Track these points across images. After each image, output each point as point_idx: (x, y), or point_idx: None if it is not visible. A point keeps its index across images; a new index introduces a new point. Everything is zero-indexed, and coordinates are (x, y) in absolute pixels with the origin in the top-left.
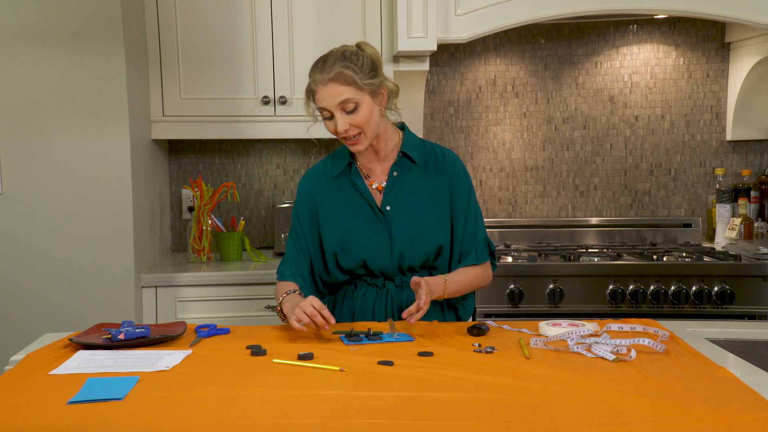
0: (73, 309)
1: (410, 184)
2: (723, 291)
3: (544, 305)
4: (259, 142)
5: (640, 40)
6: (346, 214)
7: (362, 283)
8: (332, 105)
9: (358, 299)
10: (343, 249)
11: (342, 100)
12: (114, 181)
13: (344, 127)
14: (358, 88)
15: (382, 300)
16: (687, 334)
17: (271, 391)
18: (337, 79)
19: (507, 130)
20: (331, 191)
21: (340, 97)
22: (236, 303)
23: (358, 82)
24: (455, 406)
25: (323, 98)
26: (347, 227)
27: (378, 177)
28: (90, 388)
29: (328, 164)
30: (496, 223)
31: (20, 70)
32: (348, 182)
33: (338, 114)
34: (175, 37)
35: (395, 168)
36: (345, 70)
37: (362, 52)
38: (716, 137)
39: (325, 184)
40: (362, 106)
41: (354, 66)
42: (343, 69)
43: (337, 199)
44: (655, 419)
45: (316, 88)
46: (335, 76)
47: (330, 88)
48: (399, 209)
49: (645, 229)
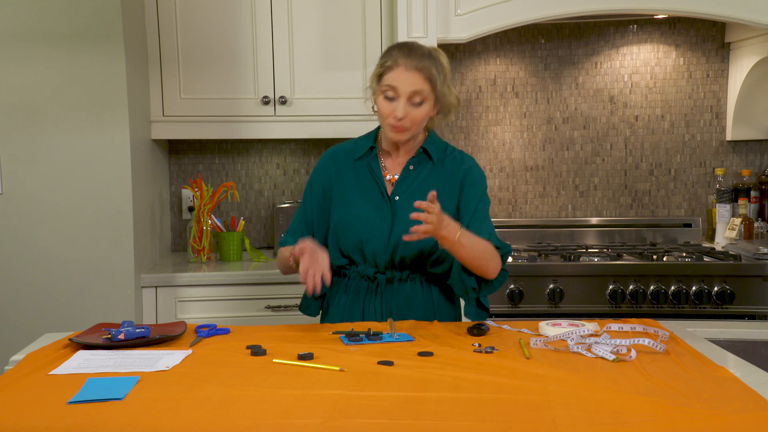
0: (73, 309)
1: (423, 179)
2: (723, 291)
3: (544, 305)
4: (259, 142)
5: (640, 40)
6: (356, 195)
7: (354, 274)
8: (405, 90)
9: (350, 293)
10: (344, 227)
11: (416, 90)
12: (114, 181)
13: (403, 115)
14: (433, 89)
15: (373, 293)
16: (687, 334)
17: (271, 391)
18: (422, 71)
19: (507, 130)
20: (347, 172)
21: (417, 87)
22: (236, 303)
23: (437, 84)
24: (455, 406)
25: (401, 80)
26: (353, 206)
27: (395, 169)
28: (90, 388)
29: (351, 145)
30: (496, 223)
31: (20, 70)
32: (366, 166)
33: (404, 100)
34: (175, 37)
35: (412, 162)
36: (432, 68)
37: (441, 57)
38: (716, 137)
39: (343, 164)
40: (426, 105)
41: (438, 68)
42: (431, 66)
43: (352, 180)
44: (655, 419)
45: (397, 67)
46: (422, 68)
47: (412, 74)
48: (406, 201)
49: (645, 229)
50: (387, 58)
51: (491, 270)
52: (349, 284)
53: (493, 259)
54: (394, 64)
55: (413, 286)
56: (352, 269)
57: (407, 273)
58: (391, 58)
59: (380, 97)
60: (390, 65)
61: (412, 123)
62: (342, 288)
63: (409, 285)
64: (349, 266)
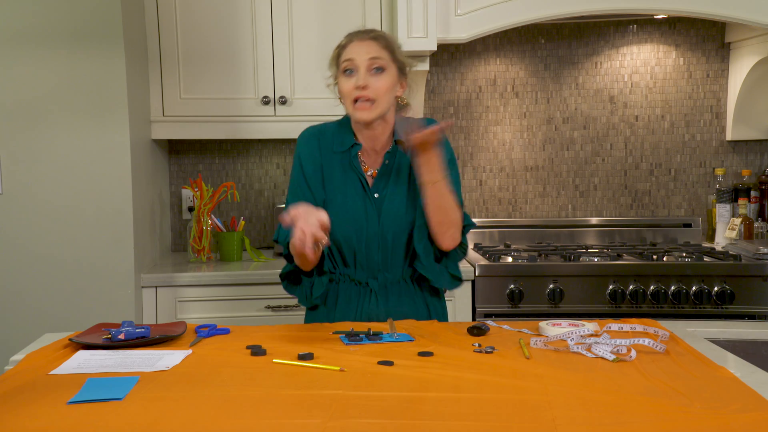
0: (73, 309)
1: (397, 170)
2: (723, 291)
3: (544, 305)
4: (259, 142)
5: (640, 40)
6: (342, 186)
7: (345, 278)
8: (362, 59)
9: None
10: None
11: (373, 56)
12: (114, 181)
13: (364, 83)
14: (393, 56)
15: (364, 297)
16: (687, 334)
17: (271, 391)
18: (376, 40)
19: (507, 130)
20: (334, 165)
21: (373, 54)
22: (236, 303)
23: (394, 51)
24: (455, 406)
25: (355, 51)
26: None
27: (373, 164)
28: (90, 388)
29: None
30: (496, 223)
31: (20, 70)
32: (346, 158)
33: (363, 71)
34: (175, 37)
35: (387, 156)
36: (387, 37)
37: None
38: (716, 137)
39: (329, 154)
40: (387, 73)
41: (393, 41)
42: (385, 36)
43: (339, 174)
44: (655, 419)
45: (350, 43)
46: (376, 37)
47: (366, 43)
48: (386, 196)
49: (645, 229)
50: (341, 41)
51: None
52: (339, 289)
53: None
54: (348, 41)
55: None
56: (339, 272)
57: (399, 273)
58: (345, 39)
59: (341, 77)
60: (345, 43)
61: (376, 93)
62: (332, 292)
63: (402, 285)
64: (336, 269)
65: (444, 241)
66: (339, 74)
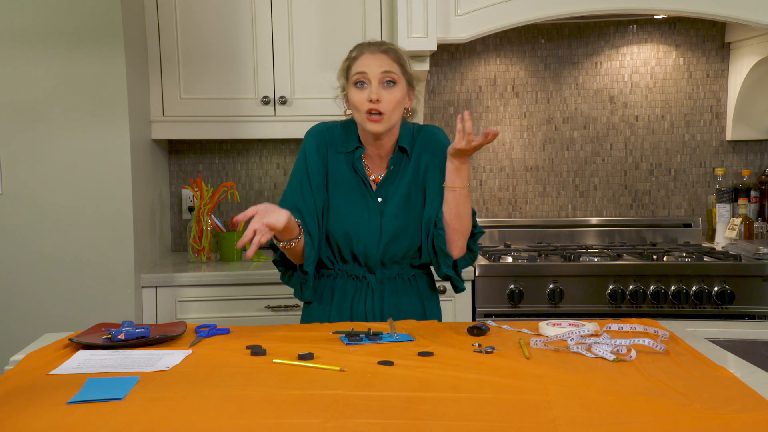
0: (73, 309)
1: (401, 176)
2: (723, 291)
3: (544, 305)
4: (259, 142)
5: (640, 40)
6: (346, 186)
7: (342, 273)
8: (374, 73)
9: (337, 293)
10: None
11: (386, 70)
12: (114, 181)
13: (377, 96)
14: (403, 70)
15: (362, 293)
16: (687, 334)
17: (271, 391)
18: (388, 54)
19: (507, 130)
20: (339, 164)
21: (386, 67)
22: (236, 303)
23: (405, 65)
24: (455, 406)
25: (368, 64)
26: (345, 202)
27: (377, 169)
28: (90, 388)
29: (340, 134)
30: (496, 223)
31: (20, 70)
32: (350, 161)
33: (375, 83)
34: (175, 37)
35: (392, 162)
36: (397, 50)
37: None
38: (716, 137)
39: (334, 153)
40: (399, 86)
41: (403, 54)
42: (396, 49)
43: (343, 173)
44: (655, 419)
45: (362, 55)
46: (387, 50)
47: (379, 57)
48: (389, 200)
49: (645, 229)
50: (351, 52)
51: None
52: (336, 283)
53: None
54: (359, 54)
55: (402, 283)
56: (338, 267)
57: (396, 270)
58: (355, 50)
59: (351, 89)
60: (356, 55)
61: (388, 106)
62: (328, 287)
63: (399, 282)
64: (333, 265)
65: (453, 250)
66: (349, 86)
